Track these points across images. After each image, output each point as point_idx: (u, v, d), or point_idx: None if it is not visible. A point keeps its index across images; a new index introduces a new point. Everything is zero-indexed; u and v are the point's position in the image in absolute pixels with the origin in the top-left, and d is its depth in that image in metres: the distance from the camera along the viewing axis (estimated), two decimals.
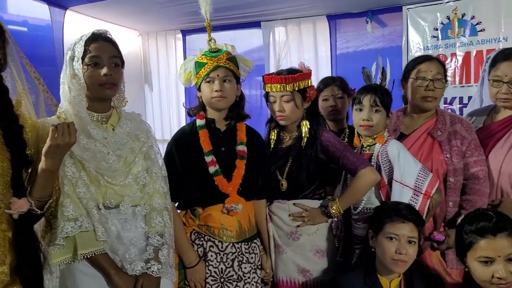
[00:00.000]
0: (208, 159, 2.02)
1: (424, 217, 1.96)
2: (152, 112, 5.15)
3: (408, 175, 2.00)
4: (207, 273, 1.98)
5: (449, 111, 3.47)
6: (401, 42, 3.90)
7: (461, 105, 3.55)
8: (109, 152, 1.71)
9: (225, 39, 4.47)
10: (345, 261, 2.23)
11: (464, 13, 3.53)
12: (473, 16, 3.49)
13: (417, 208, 1.94)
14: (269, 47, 4.51)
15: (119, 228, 1.70)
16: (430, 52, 3.71)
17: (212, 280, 1.99)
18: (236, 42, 4.65)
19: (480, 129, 2.33)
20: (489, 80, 2.28)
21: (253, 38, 4.65)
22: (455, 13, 3.57)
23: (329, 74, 4.03)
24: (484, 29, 3.47)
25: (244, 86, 4.49)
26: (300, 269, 2.10)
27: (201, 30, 2.12)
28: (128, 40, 4.90)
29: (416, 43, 3.77)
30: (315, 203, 2.13)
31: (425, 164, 2.15)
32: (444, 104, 3.64)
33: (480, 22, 3.48)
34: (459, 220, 2.08)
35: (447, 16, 3.61)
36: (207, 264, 1.99)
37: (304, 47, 4.51)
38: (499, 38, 3.41)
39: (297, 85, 2.09)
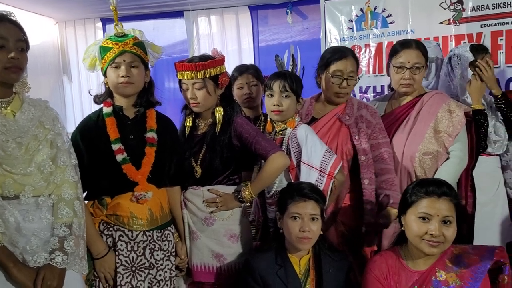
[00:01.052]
0: (115, 147, 1.98)
1: (327, 197, 2.05)
2: (72, 104, 4.96)
3: (315, 157, 2.08)
4: (118, 262, 1.95)
5: (364, 99, 3.66)
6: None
7: (374, 94, 3.71)
8: (9, 139, 1.63)
9: (147, 28, 4.42)
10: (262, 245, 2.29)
11: (376, 6, 3.69)
12: (384, 9, 3.66)
13: (322, 188, 2.03)
14: (193, 39, 4.48)
15: (19, 219, 1.62)
16: (346, 43, 3.86)
17: (123, 269, 1.96)
18: (158, 32, 4.61)
19: (382, 116, 2.48)
20: (393, 67, 2.44)
21: (176, 29, 4.60)
22: (368, 6, 3.73)
23: None
24: (394, 22, 3.65)
25: (169, 78, 4.47)
26: (214, 254, 2.12)
27: (123, 18, 2.08)
28: (44, 28, 4.67)
29: (334, 35, 3.89)
30: (230, 189, 2.16)
31: (331, 145, 2.27)
32: (360, 93, 3.80)
33: (390, 15, 3.65)
34: (390, 201, 2.22)
35: (361, 9, 3.76)
36: (117, 253, 1.96)
37: (228, 39, 4.53)
38: (407, 30, 3.60)
39: (209, 72, 2.09)
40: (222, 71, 2.16)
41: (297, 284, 1.89)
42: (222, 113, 2.16)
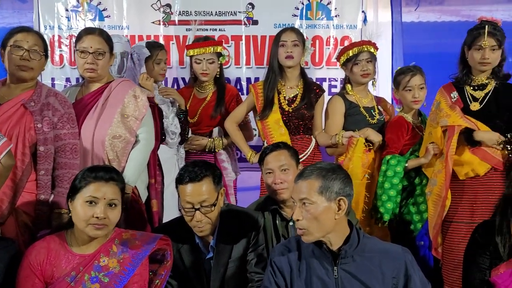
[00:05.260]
0: None
1: None
2: None
3: None
4: None
5: None
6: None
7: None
8: None
9: None
10: None
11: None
12: (100, 3, 3.64)
13: None
14: None
15: None
16: (63, 33, 3.72)
17: None
18: None
19: (74, 103, 2.48)
20: (77, 52, 2.47)
21: None
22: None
23: None
24: (109, 16, 3.67)
25: None
26: None
27: None
28: None
29: (48, 22, 3.71)
30: None
31: (11, 132, 2.17)
32: None
33: (106, 8, 3.65)
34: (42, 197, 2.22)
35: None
36: None
37: None
38: (123, 26, 3.67)
39: None
40: None
41: None
42: None
